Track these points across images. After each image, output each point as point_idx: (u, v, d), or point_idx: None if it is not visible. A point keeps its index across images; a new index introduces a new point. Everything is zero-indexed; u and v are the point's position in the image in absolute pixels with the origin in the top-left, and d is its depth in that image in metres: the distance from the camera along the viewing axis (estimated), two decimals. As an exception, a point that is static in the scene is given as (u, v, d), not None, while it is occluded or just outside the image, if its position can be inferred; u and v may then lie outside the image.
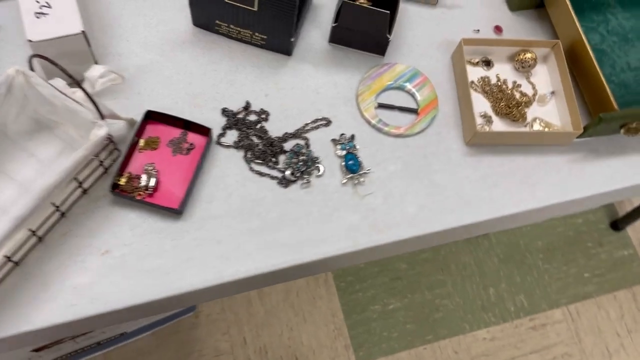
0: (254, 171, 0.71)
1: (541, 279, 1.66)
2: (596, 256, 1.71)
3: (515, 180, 0.75)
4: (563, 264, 1.67)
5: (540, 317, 1.61)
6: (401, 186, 0.73)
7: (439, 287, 1.61)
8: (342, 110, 0.76)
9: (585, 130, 0.73)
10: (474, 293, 1.63)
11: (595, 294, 1.64)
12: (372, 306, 1.56)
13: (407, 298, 1.58)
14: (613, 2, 0.86)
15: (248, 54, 0.78)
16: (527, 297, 1.63)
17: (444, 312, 1.60)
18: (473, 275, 1.64)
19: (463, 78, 0.77)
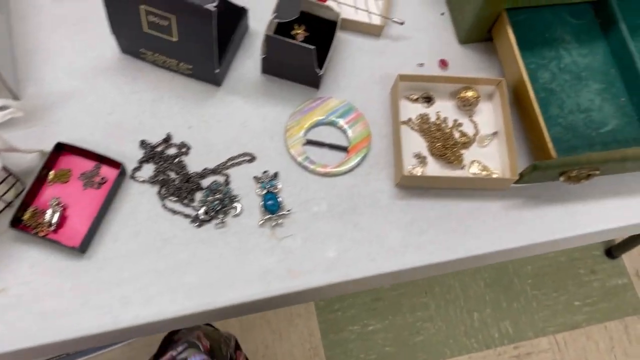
0: (166, 208, 0.68)
1: (529, 306, 1.60)
2: (588, 284, 1.65)
3: (445, 227, 0.71)
4: (553, 291, 1.62)
5: (525, 345, 1.56)
6: (323, 229, 0.69)
7: (421, 310, 1.57)
8: (269, 145, 0.73)
9: (520, 177, 0.69)
10: (457, 317, 1.59)
11: (585, 323, 1.58)
12: (351, 326, 1.53)
13: (387, 320, 1.55)
14: (569, 37, 0.81)
15: (175, 83, 0.75)
16: (513, 323, 1.58)
17: (424, 335, 1.56)
18: (457, 299, 1.60)
19: (396, 116, 0.73)
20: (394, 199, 0.72)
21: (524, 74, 0.72)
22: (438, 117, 0.76)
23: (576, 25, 0.82)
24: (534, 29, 0.81)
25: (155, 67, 0.76)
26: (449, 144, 0.74)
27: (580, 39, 0.81)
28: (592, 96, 0.78)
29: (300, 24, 0.78)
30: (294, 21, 0.78)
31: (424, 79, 0.75)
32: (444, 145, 0.74)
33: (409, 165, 0.73)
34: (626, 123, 0.76)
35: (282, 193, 0.71)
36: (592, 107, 0.77)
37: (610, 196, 0.74)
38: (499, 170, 0.73)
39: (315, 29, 0.78)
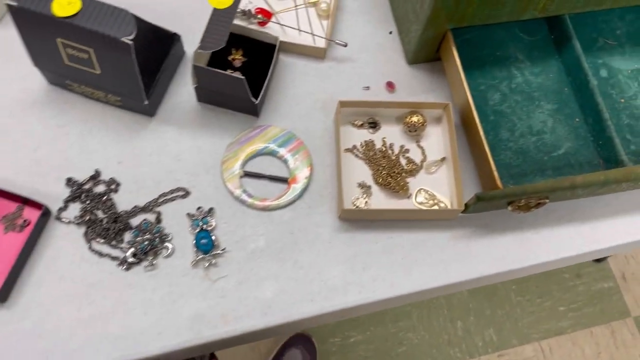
0: (93, 251, 0.65)
1: (513, 312, 1.57)
2: (573, 289, 1.62)
3: (390, 261, 0.67)
4: (537, 297, 1.58)
5: (509, 353, 1.53)
6: (260, 268, 0.66)
7: (403, 320, 1.54)
8: (204, 179, 0.69)
9: (466, 207, 0.65)
10: (440, 326, 1.56)
11: (571, 329, 1.55)
12: (331, 339, 1.50)
13: (369, 330, 1.52)
14: (521, 55, 0.78)
15: (105, 115, 0.71)
16: (497, 331, 1.55)
17: (407, 346, 1.53)
18: (440, 307, 1.57)
19: (338, 144, 0.69)
20: (337, 232, 0.68)
21: (469, 99, 0.68)
22: (384, 143, 0.73)
23: (529, 42, 0.78)
24: (485, 46, 0.78)
25: (85, 98, 0.72)
26: (395, 171, 0.70)
27: (533, 56, 0.78)
28: (544, 117, 0.74)
29: (238, 49, 0.74)
30: (233, 45, 0.74)
31: (367, 105, 0.72)
32: (389, 174, 0.70)
33: (353, 196, 0.69)
34: (580, 145, 0.73)
35: (217, 230, 0.67)
36: (544, 130, 0.73)
37: (564, 223, 0.71)
38: (447, 199, 0.70)
39: (256, 52, 0.74)
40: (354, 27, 0.80)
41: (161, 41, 0.70)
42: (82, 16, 0.59)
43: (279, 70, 0.76)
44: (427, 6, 0.67)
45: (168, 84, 0.73)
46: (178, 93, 0.74)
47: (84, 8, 0.60)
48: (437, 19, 0.68)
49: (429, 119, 0.74)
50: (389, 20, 0.81)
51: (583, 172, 0.71)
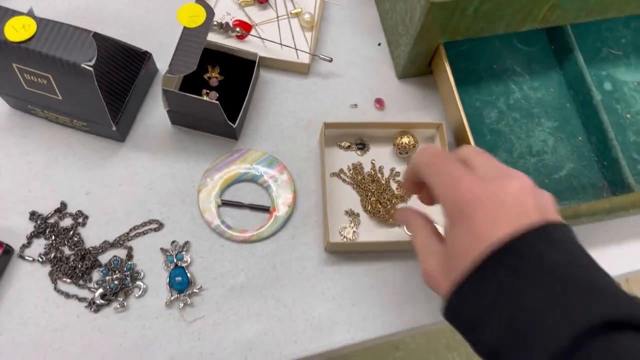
0: (59, 291, 0.60)
1: None
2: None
3: (381, 296, 0.63)
4: None
5: None
6: (240, 306, 0.61)
7: None
8: (178, 210, 0.64)
9: (461, 240, 0.60)
10: (438, 330, 1.52)
11: None
12: None
13: None
14: (520, 68, 0.73)
15: (72, 141, 0.66)
16: None
17: (405, 350, 1.49)
18: None
19: (323, 169, 0.64)
20: (323, 265, 0.63)
21: (463, 118, 0.63)
22: (373, 166, 0.68)
23: (527, 54, 0.73)
24: (481, 59, 0.73)
25: (50, 122, 0.67)
26: (385, 197, 0.66)
27: (532, 69, 0.72)
28: (545, 136, 0.69)
29: (215, 65, 0.69)
30: (209, 61, 0.69)
31: (353, 126, 0.67)
32: (378, 200, 0.65)
33: (340, 225, 0.64)
34: (583, 166, 0.68)
35: (193, 266, 0.62)
36: (544, 150, 0.68)
37: (567, 250, 0.66)
38: (441, 227, 0.65)
39: (234, 68, 0.69)
40: (340, 39, 0.75)
41: (130, 60, 0.64)
42: (38, 40, 0.54)
43: (259, 87, 0.71)
44: (417, 19, 0.61)
45: (139, 106, 0.68)
46: (150, 115, 0.68)
47: (40, 31, 0.54)
48: (428, 33, 0.63)
49: (421, 138, 0.69)
50: (378, 31, 0.76)
51: (586, 195, 0.66)
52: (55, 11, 0.72)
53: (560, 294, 0.36)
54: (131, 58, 0.64)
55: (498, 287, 0.38)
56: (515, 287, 0.37)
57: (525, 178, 0.41)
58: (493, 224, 0.39)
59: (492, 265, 0.38)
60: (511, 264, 0.38)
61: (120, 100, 0.63)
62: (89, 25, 0.71)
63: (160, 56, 0.71)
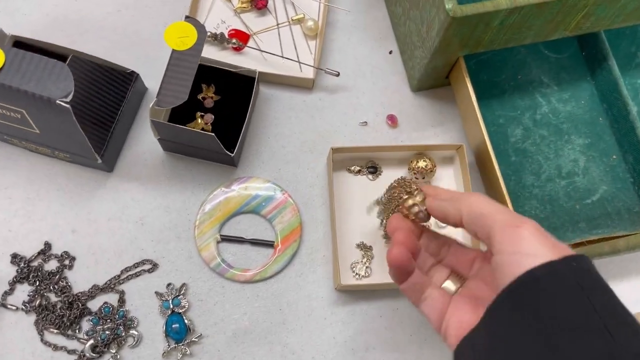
0: (47, 343, 0.55)
1: None
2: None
3: (397, 339, 0.57)
4: None
5: None
6: (244, 355, 0.56)
7: None
8: (174, 247, 0.59)
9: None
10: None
11: None
12: None
13: None
14: (548, 79, 0.66)
15: (54, 172, 0.60)
16: None
17: None
18: None
19: (332, 198, 0.59)
20: (333, 306, 0.58)
21: (485, 138, 0.57)
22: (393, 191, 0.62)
23: (555, 62, 0.66)
24: (504, 69, 0.66)
25: (29, 152, 0.60)
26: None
27: (561, 79, 0.66)
28: (575, 155, 0.63)
29: (210, 85, 0.62)
30: (203, 79, 0.62)
31: (364, 150, 0.60)
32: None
33: (351, 260, 0.59)
34: (617, 189, 0.61)
35: (192, 310, 0.57)
36: (575, 171, 0.62)
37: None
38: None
39: (231, 86, 0.63)
40: (347, 47, 0.68)
41: (115, 83, 0.58)
42: (7, 73, 0.48)
43: (259, 105, 0.64)
44: (434, 34, 0.54)
45: (127, 132, 0.62)
46: (140, 141, 0.62)
47: (9, 63, 0.48)
48: (448, 48, 0.56)
49: (438, 159, 0.62)
50: (389, 37, 0.69)
51: (622, 221, 0.60)
52: (30, 24, 0.65)
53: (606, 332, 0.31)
54: (116, 80, 0.58)
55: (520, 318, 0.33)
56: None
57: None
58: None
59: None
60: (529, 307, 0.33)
61: (106, 130, 0.57)
62: (68, 39, 0.64)
63: (149, 72, 0.64)
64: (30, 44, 0.58)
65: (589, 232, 0.59)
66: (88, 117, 0.53)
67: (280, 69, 0.64)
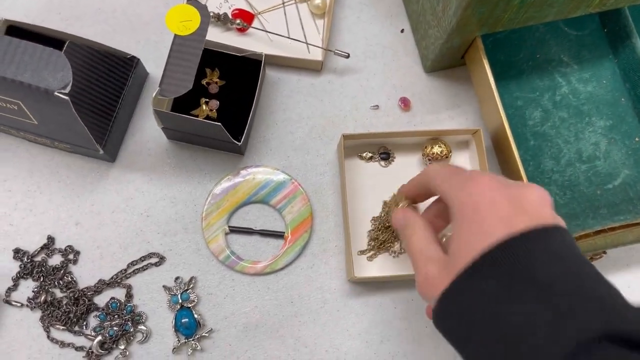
0: (54, 340, 0.53)
1: None
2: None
3: (412, 330, 0.56)
4: None
5: None
6: (256, 349, 0.55)
7: None
8: (181, 239, 0.57)
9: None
10: None
11: None
12: None
13: None
14: (567, 57, 0.63)
15: (54, 163, 0.58)
16: None
17: None
18: None
19: (343, 187, 0.56)
20: (346, 298, 0.57)
21: (504, 121, 0.54)
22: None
23: (576, 39, 0.63)
24: (522, 48, 0.63)
25: (28, 142, 0.58)
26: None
27: (582, 57, 0.63)
28: (596, 138, 0.60)
29: (214, 69, 0.60)
30: (207, 63, 0.59)
31: (376, 136, 0.58)
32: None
33: (360, 250, 0.57)
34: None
35: (201, 305, 0.55)
36: (596, 154, 0.60)
37: (620, 269, 0.59)
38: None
39: (236, 69, 0.60)
40: (357, 26, 0.65)
41: (115, 69, 0.55)
42: (2, 63, 0.45)
43: (265, 89, 0.62)
44: (452, 13, 0.51)
45: (129, 120, 0.59)
46: (143, 128, 0.60)
47: (3, 52, 0.45)
48: (465, 27, 0.53)
49: (454, 144, 0.60)
50: (400, 15, 0.65)
51: (645, 207, 0.58)
52: (23, 6, 0.61)
53: (554, 305, 0.32)
54: (116, 67, 0.55)
55: (481, 289, 0.34)
56: (501, 291, 0.33)
57: (546, 192, 0.38)
58: (508, 222, 0.35)
59: (485, 262, 0.34)
60: (503, 264, 0.34)
61: (107, 119, 0.55)
62: (64, 22, 0.61)
63: (150, 55, 0.61)
64: (24, 28, 0.55)
65: (610, 219, 0.57)
66: (88, 106, 0.51)
67: (287, 50, 0.61)
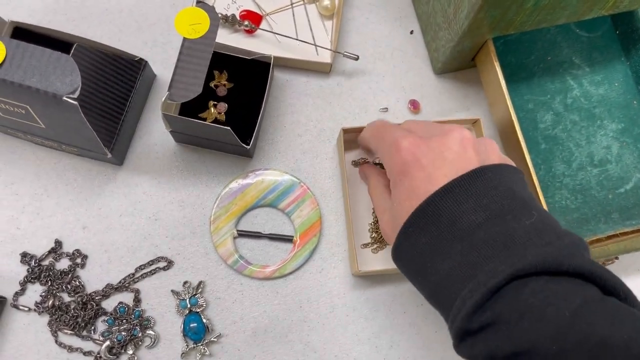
0: (62, 345, 0.53)
1: None
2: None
3: (421, 335, 0.56)
4: None
5: None
6: (264, 355, 0.54)
7: None
8: (189, 244, 0.57)
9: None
10: None
11: None
12: None
13: None
14: (579, 60, 0.62)
15: (62, 166, 0.58)
16: None
17: None
18: None
19: (344, 183, 0.56)
20: (355, 302, 0.56)
21: (515, 125, 0.54)
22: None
23: (587, 41, 0.62)
24: (533, 50, 0.62)
25: (35, 145, 0.58)
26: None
27: (593, 59, 0.62)
28: (608, 142, 0.60)
29: (223, 71, 0.59)
30: (215, 65, 0.59)
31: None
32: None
33: (364, 243, 0.57)
34: (653, 177, 0.59)
35: (210, 309, 0.55)
36: (608, 158, 0.59)
37: (632, 273, 0.59)
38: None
39: (245, 71, 0.59)
40: (366, 28, 0.64)
41: (123, 72, 0.55)
42: (9, 67, 0.44)
43: (273, 91, 0.61)
44: (464, 16, 0.51)
45: (136, 123, 0.59)
46: (151, 131, 0.59)
47: (10, 56, 0.44)
48: (477, 30, 0.53)
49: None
50: (410, 16, 0.65)
51: (657, 212, 0.58)
52: (30, 8, 0.61)
53: (469, 252, 0.36)
54: (123, 69, 0.54)
55: (415, 246, 0.39)
56: (429, 247, 0.38)
57: (465, 131, 0.41)
58: (430, 179, 0.39)
59: (414, 222, 0.39)
60: (428, 221, 0.38)
61: (115, 122, 0.54)
62: (71, 24, 0.61)
63: (157, 57, 0.61)
64: (31, 30, 0.55)
65: (622, 223, 0.57)
66: (96, 110, 0.50)
67: (295, 52, 0.61)
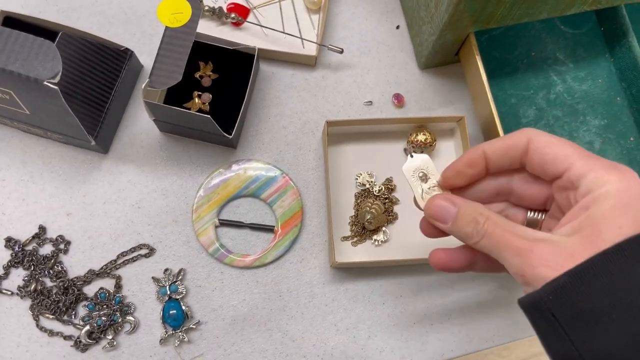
0: (43, 329, 0.54)
1: None
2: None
3: (400, 326, 0.56)
4: None
5: None
6: (243, 342, 0.55)
7: None
8: (171, 231, 0.57)
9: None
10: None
11: None
12: None
13: None
14: (563, 56, 0.62)
15: (47, 154, 0.58)
16: None
17: None
18: None
19: (327, 174, 0.57)
20: (335, 293, 0.57)
21: (496, 120, 0.54)
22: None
23: (572, 38, 0.63)
24: (517, 45, 0.62)
25: (22, 133, 0.59)
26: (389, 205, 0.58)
27: (577, 56, 0.62)
28: (590, 137, 0.60)
29: (207, 62, 0.60)
30: (200, 56, 0.59)
31: (361, 123, 0.58)
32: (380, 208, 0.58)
33: (344, 236, 0.57)
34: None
35: (189, 297, 0.56)
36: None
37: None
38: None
39: (230, 63, 0.60)
40: (352, 22, 0.65)
41: (108, 61, 0.55)
42: (-9, 52, 0.45)
43: (259, 83, 0.62)
44: (444, 9, 0.51)
45: (122, 112, 0.60)
46: (136, 121, 0.60)
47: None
48: (457, 24, 0.53)
49: (439, 132, 0.60)
50: (396, 11, 0.65)
51: (638, 207, 0.57)
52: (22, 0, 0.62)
53: None
54: (109, 58, 0.55)
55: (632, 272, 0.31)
56: None
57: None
58: None
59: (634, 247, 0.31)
60: None
61: (99, 110, 0.55)
62: (60, 14, 0.62)
63: (145, 48, 0.62)
64: (20, 19, 0.56)
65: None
66: (79, 97, 0.51)
67: (282, 45, 0.62)
